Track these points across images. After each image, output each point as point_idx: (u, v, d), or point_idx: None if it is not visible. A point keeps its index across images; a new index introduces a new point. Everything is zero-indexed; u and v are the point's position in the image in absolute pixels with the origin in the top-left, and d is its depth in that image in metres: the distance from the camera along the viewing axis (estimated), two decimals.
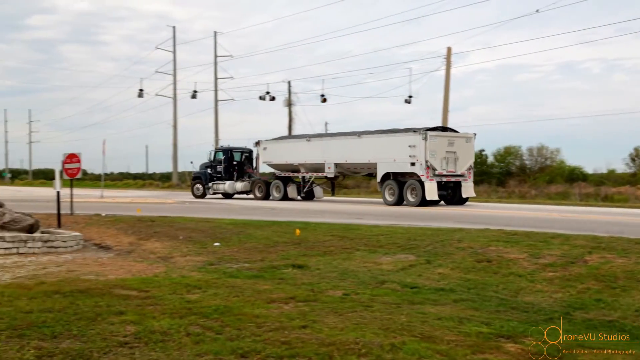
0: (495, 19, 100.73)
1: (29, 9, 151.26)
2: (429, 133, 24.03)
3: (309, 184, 30.23)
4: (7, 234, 11.65)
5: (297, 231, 13.29)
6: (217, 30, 55.48)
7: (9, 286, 7.86)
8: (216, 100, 53.89)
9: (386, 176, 25.42)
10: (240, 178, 32.86)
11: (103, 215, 17.89)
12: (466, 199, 25.41)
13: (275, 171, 30.99)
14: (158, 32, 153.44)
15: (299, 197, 30.25)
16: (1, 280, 8.43)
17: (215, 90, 53.72)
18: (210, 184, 32.84)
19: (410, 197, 24.37)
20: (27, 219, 12.55)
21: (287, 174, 30.41)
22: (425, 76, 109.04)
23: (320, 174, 29.21)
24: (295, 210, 22.70)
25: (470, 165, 25.73)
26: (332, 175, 28.58)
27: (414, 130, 24.59)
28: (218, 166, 32.98)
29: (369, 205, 26.78)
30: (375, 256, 10.78)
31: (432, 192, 23.72)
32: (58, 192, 16.12)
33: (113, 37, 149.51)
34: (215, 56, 53.82)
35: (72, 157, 17.52)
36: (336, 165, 27.67)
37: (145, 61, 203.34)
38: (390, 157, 25.02)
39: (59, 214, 15.35)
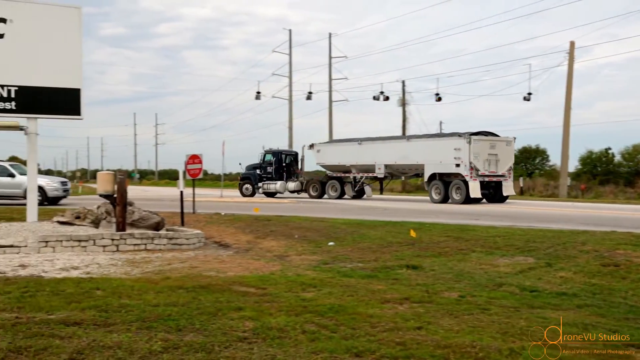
0: (624, 10, 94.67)
1: (157, 18, 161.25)
2: (473, 137, 26.36)
3: (359, 183, 32.40)
4: (136, 231, 12.39)
5: (412, 231, 13.17)
6: (331, 32, 56.04)
7: (138, 280, 8.35)
8: (330, 101, 54.47)
9: (432, 176, 27.75)
10: (288, 178, 35.01)
11: (222, 214, 18.59)
12: (506, 197, 27.56)
13: (327, 171, 33.54)
14: (274, 35, 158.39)
15: (347, 196, 32.50)
16: (131, 275, 8.98)
17: (330, 91, 54.30)
18: (260, 184, 35.00)
19: (455, 196, 26.63)
20: (154, 217, 13.29)
21: (338, 174, 32.79)
22: (546, 72, 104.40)
23: (370, 175, 31.38)
24: (408, 210, 22.51)
25: (510, 167, 28.06)
26: (382, 176, 30.91)
27: (459, 135, 26.96)
28: (268, 167, 35.02)
29: (424, 203, 27.58)
30: (492, 258, 10.47)
31: (475, 191, 25.92)
32: (181, 192, 16.94)
33: (232, 42, 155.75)
34: (330, 57, 54.39)
35: (194, 158, 18.37)
36: (386, 166, 30.04)
37: (262, 64, 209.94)
38: (436, 159, 27.30)
39: (182, 213, 16.12)
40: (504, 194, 27.30)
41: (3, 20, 14.08)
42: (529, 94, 41.32)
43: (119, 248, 11.82)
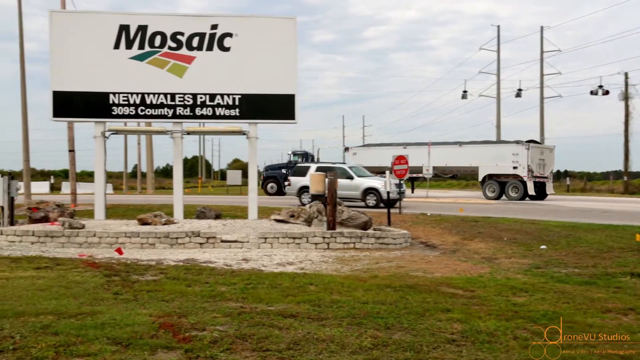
0: None
1: (366, 23, 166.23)
2: (530, 144, 30.86)
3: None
4: (345, 230, 12.86)
5: (638, 236, 12.03)
6: (543, 25, 53.26)
7: (348, 278, 8.66)
8: (542, 98, 51.74)
9: (486, 177, 31.80)
10: None
11: (428, 214, 18.55)
12: (547, 195, 31.89)
13: None
14: (482, 32, 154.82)
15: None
16: (341, 272, 9.34)
17: (541, 88, 51.59)
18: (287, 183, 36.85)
19: (511, 193, 30.84)
20: (362, 216, 13.68)
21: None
22: None
23: (413, 175, 34.07)
24: (629, 213, 20.58)
25: (552, 170, 32.85)
26: (429, 176, 34.18)
27: (517, 142, 31.22)
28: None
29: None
30: None
31: (531, 189, 30.21)
32: (388, 192, 17.23)
33: (438, 42, 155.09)
34: (542, 52, 51.67)
35: (401, 159, 18.59)
36: (434, 168, 33.52)
37: (469, 62, 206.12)
38: (492, 163, 31.27)
39: (389, 213, 16.38)
40: (547, 192, 31.82)
41: (229, 35, 15.49)
42: None
43: (329, 246, 12.36)
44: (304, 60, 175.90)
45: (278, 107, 15.60)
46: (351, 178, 23.78)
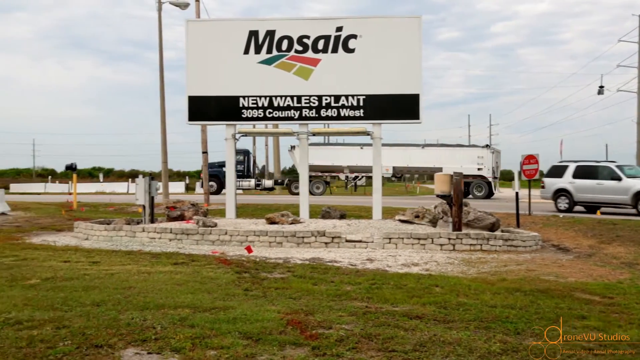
0: None
1: (492, 19, 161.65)
2: (493, 148, 34.77)
3: (354, 181, 37.64)
4: (471, 231, 12.55)
5: None
6: None
7: (475, 280, 8.45)
8: None
9: None
10: (254, 176, 37.98)
11: (560, 216, 17.71)
12: (494, 193, 34.21)
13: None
14: (621, 23, 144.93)
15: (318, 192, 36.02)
16: (467, 274, 9.13)
17: None
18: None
19: (476, 193, 33.07)
20: (489, 217, 13.29)
21: (316, 174, 35.68)
22: None
23: (370, 174, 35.31)
24: None
25: (499, 171, 37.23)
26: (389, 176, 36.06)
27: (481, 146, 34.71)
28: (238, 166, 35.60)
29: None
30: None
31: (494, 188, 33.74)
32: (517, 193, 16.64)
33: (571, 35, 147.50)
34: None
35: (531, 159, 17.87)
36: (394, 168, 35.09)
37: (606, 56, 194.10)
38: (457, 164, 31.83)
39: (517, 214, 15.81)
40: (494, 191, 34.23)
41: (354, 36, 15.64)
42: None
43: (455, 247, 12.12)
44: (429, 59, 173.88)
45: (402, 107, 15.51)
46: (618, 179, 19.95)
